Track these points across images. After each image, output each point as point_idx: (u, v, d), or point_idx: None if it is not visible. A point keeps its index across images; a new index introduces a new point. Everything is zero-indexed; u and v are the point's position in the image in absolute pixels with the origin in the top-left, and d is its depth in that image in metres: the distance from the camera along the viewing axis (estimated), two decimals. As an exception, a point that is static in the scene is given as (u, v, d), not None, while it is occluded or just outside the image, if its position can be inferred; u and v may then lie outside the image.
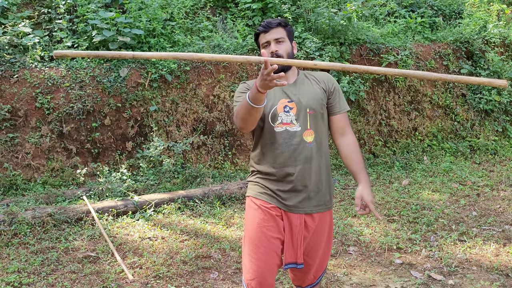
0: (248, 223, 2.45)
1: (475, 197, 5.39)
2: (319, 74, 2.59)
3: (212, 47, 6.59)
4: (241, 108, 2.26)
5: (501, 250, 4.07)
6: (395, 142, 7.07)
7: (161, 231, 4.61)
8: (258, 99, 2.14)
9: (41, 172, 5.64)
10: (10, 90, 5.69)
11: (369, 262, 3.97)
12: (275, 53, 2.38)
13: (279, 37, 2.42)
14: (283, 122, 2.39)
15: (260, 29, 2.47)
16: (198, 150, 6.24)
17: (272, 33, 2.43)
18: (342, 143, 2.51)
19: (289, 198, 2.39)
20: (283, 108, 2.40)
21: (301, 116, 2.40)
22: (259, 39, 2.50)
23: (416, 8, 8.64)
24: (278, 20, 2.48)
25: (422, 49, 7.55)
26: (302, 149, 2.39)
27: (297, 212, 2.39)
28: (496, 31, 8.02)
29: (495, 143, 7.28)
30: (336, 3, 7.79)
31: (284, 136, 2.38)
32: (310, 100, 2.42)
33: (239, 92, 2.50)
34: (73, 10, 6.53)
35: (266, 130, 2.41)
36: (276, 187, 2.41)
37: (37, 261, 4.01)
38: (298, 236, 2.39)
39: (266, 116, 2.40)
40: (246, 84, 2.53)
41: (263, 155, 2.45)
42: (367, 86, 6.98)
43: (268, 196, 2.43)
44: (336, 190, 5.73)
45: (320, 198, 2.43)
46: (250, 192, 2.52)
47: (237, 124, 2.36)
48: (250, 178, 2.58)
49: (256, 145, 2.50)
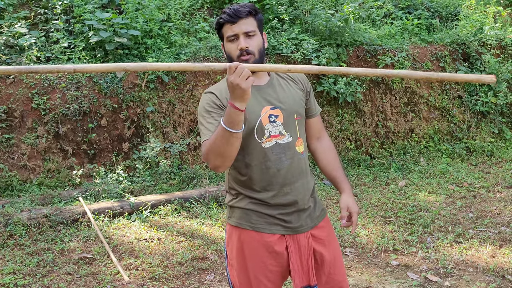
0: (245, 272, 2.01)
1: (471, 199, 5.40)
2: (292, 73, 2.18)
3: (209, 48, 6.59)
4: (215, 142, 1.81)
5: (497, 252, 4.08)
6: (391, 143, 7.08)
7: (157, 233, 4.60)
8: (237, 119, 1.75)
9: (37, 173, 5.62)
10: (6, 90, 5.67)
11: (365, 264, 3.97)
12: (245, 50, 1.93)
13: (250, 30, 1.94)
14: (271, 135, 1.99)
15: (226, 18, 1.95)
16: (194, 151, 6.23)
17: (242, 24, 1.93)
18: (319, 147, 2.21)
19: (294, 220, 2.04)
20: (268, 119, 1.98)
21: (289, 124, 2.02)
22: (224, 30, 1.97)
23: (413, 10, 8.66)
24: (247, 6, 1.97)
25: (418, 51, 7.57)
26: (298, 162, 2.05)
27: (304, 231, 2.06)
28: (493, 33, 8.05)
29: (492, 145, 7.30)
30: (333, 4, 7.80)
31: (276, 151, 1.99)
32: (294, 104, 2.05)
33: (205, 113, 1.96)
34: (70, 10, 6.52)
35: (252, 148, 1.98)
36: (276, 211, 2.02)
37: (33, 263, 3.99)
38: (308, 256, 2.06)
39: (251, 132, 1.96)
40: (212, 96, 1.98)
41: (250, 178, 2.01)
42: (364, 87, 6.99)
43: (269, 225, 2.02)
44: (333, 191, 5.73)
45: (319, 204, 2.18)
46: (241, 221, 2.04)
47: (212, 163, 1.87)
48: (234, 202, 2.08)
49: (238, 166, 2.03)
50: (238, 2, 1.70)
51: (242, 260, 2.03)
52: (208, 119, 1.94)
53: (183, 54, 6.44)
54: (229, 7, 1.98)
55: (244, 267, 2.03)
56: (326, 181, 6.02)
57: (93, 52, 6.15)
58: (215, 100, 1.96)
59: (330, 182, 2.30)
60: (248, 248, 2.02)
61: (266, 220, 2.02)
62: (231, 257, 2.09)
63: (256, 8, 2.01)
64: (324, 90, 6.59)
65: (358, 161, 6.70)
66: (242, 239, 2.03)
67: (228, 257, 2.11)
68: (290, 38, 6.85)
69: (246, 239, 2.03)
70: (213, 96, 1.98)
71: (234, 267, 2.06)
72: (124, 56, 6.17)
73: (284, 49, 6.64)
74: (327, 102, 6.80)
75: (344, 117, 6.89)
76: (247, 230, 2.03)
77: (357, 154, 6.79)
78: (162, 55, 6.31)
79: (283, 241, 2.03)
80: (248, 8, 1.96)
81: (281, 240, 2.03)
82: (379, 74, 1.82)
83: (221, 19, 1.98)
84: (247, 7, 1.97)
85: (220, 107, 1.96)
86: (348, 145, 6.86)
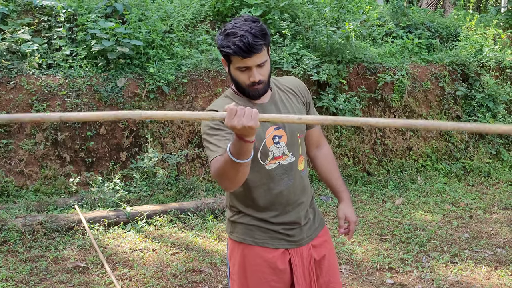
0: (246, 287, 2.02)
1: (467, 219, 5.40)
2: (291, 81, 2.13)
3: (211, 60, 6.62)
4: (224, 169, 1.75)
5: (492, 273, 4.07)
6: (389, 161, 7.09)
7: (152, 243, 4.57)
8: (246, 150, 1.67)
9: (33, 179, 5.60)
10: (6, 96, 5.67)
11: (360, 281, 3.95)
12: (257, 82, 1.89)
13: (262, 61, 1.87)
14: (275, 156, 1.98)
15: (238, 53, 1.81)
16: (192, 163, 6.23)
17: (255, 58, 1.84)
18: (318, 155, 2.21)
19: (296, 234, 2.06)
20: (272, 141, 1.96)
21: (293, 144, 2.01)
22: (233, 60, 1.87)
23: (414, 30, 8.74)
24: (260, 37, 1.83)
25: (418, 70, 7.62)
26: (300, 180, 2.06)
27: (305, 243, 2.08)
28: (492, 54, 8.11)
29: (489, 166, 7.31)
30: (334, 21, 7.86)
31: (279, 173, 1.99)
32: None
33: (210, 130, 1.90)
34: (73, 19, 6.55)
35: (256, 170, 1.96)
36: (280, 227, 2.02)
37: (26, 270, 3.96)
38: (310, 267, 2.08)
39: (255, 155, 1.93)
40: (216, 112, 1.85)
41: (253, 199, 2.00)
42: (363, 104, 7.02)
43: (272, 240, 2.01)
44: (329, 207, 5.72)
45: (318, 214, 2.22)
46: (245, 237, 2.03)
47: (222, 185, 1.84)
48: (237, 218, 2.07)
49: (244, 193, 2.02)
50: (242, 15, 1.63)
51: (243, 276, 2.03)
52: (214, 137, 1.89)
53: (184, 66, 6.47)
54: (240, 38, 1.79)
55: (246, 284, 2.03)
56: (322, 197, 6.02)
57: (94, 61, 6.17)
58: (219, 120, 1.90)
59: (326, 198, 2.34)
60: (250, 264, 2.02)
61: (270, 235, 2.02)
62: (233, 271, 2.09)
63: (266, 31, 1.88)
64: (324, 106, 6.61)
65: (355, 178, 6.70)
66: (245, 254, 2.03)
67: (231, 271, 2.11)
68: (291, 53, 6.90)
69: (249, 255, 2.03)
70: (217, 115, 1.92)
71: (236, 282, 2.07)
72: (125, 65, 6.20)
73: (285, 63, 6.68)
74: (326, 118, 6.81)
75: (342, 133, 6.91)
76: (250, 246, 2.03)
77: (354, 171, 6.79)
78: (163, 65, 6.34)
79: (286, 255, 2.04)
80: (262, 40, 1.83)
81: (284, 254, 2.03)
82: (400, 125, 1.58)
83: (230, 49, 1.81)
84: (260, 38, 1.82)
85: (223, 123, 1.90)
86: (346, 161, 6.86)
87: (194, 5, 7.48)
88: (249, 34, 1.80)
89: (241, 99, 2.00)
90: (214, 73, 6.48)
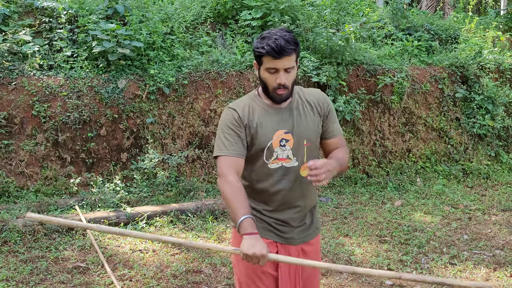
0: (241, 265, 2.20)
1: (466, 221, 5.42)
2: (314, 93, 2.25)
3: (211, 62, 6.65)
4: (225, 201, 2.02)
5: (491, 275, 4.09)
6: (389, 162, 7.12)
7: (152, 244, 4.59)
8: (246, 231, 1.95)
9: (34, 180, 5.62)
10: (7, 97, 5.69)
11: (359, 283, 3.97)
12: (282, 86, 2.04)
13: (290, 66, 2.03)
14: (278, 157, 2.11)
15: (270, 53, 1.99)
16: (192, 164, 6.25)
17: (285, 60, 2.00)
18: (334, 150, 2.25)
19: (287, 231, 2.19)
20: (279, 143, 2.10)
21: (298, 150, 2.12)
22: (264, 59, 2.04)
23: (413, 32, 8.76)
24: (291, 42, 2.01)
25: (418, 72, 7.64)
26: (299, 185, 2.15)
27: (295, 244, 2.21)
28: (491, 57, 8.14)
29: (488, 168, 7.34)
30: (334, 23, 7.89)
31: (279, 173, 2.12)
32: (308, 130, 2.14)
33: (225, 127, 2.10)
34: (74, 20, 6.57)
35: (259, 166, 2.13)
36: (271, 219, 2.18)
37: (26, 270, 3.98)
38: (296, 271, 2.19)
39: (260, 152, 2.11)
40: (235, 113, 2.10)
41: (254, 191, 2.17)
42: (362, 106, 7.05)
43: (264, 230, 2.17)
44: (329, 208, 5.74)
45: (315, 222, 2.29)
46: None
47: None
48: None
49: (244, 178, 2.18)
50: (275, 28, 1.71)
51: (239, 258, 2.15)
52: (226, 135, 2.08)
53: (185, 67, 6.49)
54: (273, 40, 1.99)
55: (240, 265, 2.22)
56: (322, 198, 6.03)
57: (95, 62, 6.20)
58: (237, 119, 2.10)
59: (325, 199, 2.42)
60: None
61: (262, 225, 2.17)
62: (234, 255, 2.27)
63: (297, 40, 2.06)
64: (323, 108, 6.63)
65: (355, 179, 6.72)
66: (237, 237, 2.15)
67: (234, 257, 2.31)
68: (291, 55, 6.92)
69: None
70: (235, 114, 2.11)
71: (235, 264, 2.28)
72: (126, 67, 6.22)
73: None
74: (326, 120, 6.82)
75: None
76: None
77: (354, 172, 6.81)
78: (164, 67, 6.36)
79: (274, 247, 2.18)
80: (293, 46, 2.01)
81: (272, 245, 2.17)
82: (391, 276, 1.91)
83: (263, 49, 2.01)
84: (291, 44, 2.00)
85: (240, 126, 2.10)
86: (346, 163, 6.88)
87: (194, 7, 7.51)
88: (282, 39, 2.00)
89: (261, 102, 2.16)
90: (215, 74, 6.50)
